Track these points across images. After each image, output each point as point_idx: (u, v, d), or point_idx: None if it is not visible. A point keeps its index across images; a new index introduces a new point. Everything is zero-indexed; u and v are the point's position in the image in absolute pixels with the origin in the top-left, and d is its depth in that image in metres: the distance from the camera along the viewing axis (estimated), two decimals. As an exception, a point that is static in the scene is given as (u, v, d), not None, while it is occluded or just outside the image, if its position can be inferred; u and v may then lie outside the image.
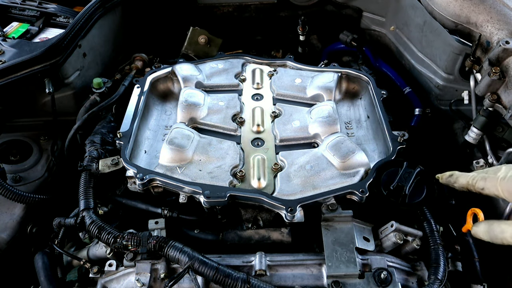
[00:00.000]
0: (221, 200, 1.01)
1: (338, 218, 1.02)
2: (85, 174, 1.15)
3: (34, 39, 1.49)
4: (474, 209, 1.01)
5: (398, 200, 1.04)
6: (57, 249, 1.10)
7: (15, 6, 1.59)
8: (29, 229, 1.24)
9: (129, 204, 1.15)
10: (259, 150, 1.22)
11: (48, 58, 1.29)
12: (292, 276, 0.97)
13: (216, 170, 1.11)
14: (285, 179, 1.10)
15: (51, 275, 1.04)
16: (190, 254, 0.92)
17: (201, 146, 1.17)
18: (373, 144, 1.27)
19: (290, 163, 1.15)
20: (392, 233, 1.00)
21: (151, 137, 1.28)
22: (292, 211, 0.98)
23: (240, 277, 0.89)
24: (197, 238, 1.08)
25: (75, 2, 1.68)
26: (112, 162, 1.16)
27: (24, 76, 1.26)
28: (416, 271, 1.02)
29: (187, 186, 1.05)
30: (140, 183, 1.05)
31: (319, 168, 1.11)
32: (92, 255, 1.09)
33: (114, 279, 0.99)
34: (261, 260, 0.97)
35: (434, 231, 1.04)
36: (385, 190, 1.06)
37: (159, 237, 0.98)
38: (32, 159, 1.36)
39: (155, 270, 0.96)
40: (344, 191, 1.04)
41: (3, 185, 1.12)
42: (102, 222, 1.03)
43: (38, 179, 1.32)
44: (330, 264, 0.95)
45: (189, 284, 0.94)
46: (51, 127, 1.40)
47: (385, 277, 0.92)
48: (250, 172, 1.15)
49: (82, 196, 1.10)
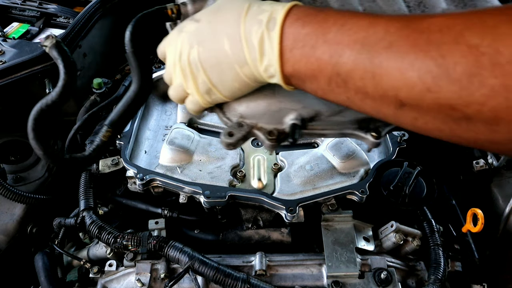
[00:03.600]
0: (221, 200, 1.01)
1: (338, 218, 1.03)
2: (85, 174, 1.15)
3: (35, 40, 1.49)
4: (474, 209, 1.01)
5: (398, 200, 1.04)
6: (57, 249, 1.10)
7: (16, 7, 1.59)
8: (29, 229, 1.24)
9: (129, 204, 1.15)
10: (259, 150, 1.22)
11: (49, 58, 1.30)
12: (292, 276, 0.97)
13: (216, 170, 1.11)
14: (285, 179, 1.10)
15: (51, 275, 1.04)
16: (190, 254, 0.93)
17: (201, 146, 1.17)
18: (373, 144, 1.27)
19: (290, 163, 1.15)
20: (392, 233, 1.00)
21: (151, 137, 1.28)
22: (292, 211, 0.98)
23: (240, 277, 0.90)
24: (197, 238, 1.08)
25: (75, 3, 1.68)
26: (112, 162, 1.16)
27: (24, 76, 1.26)
28: (416, 271, 1.02)
29: (187, 186, 1.05)
30: (140, 183, 1.05)
31: (319, 168, 1.11)
32: (92, 255, 1.09)
33: (114, 279, 0.99)
34: (261, 260, 0.97)
35: (434, 231, 1.05)
36: (385, 190, 1.06)
37: (159, 237, 0.98)
38: (32, 159, 1.36)
39: (155, 270, 0.97)
40: (344, 191, 1.04)
41: (4, 185, 1.12)
42: (102, 222, 1.03)
43: (38, 179, 1.32)
44: (330, 264, 0.95)
45: (189, 284, 0.95)
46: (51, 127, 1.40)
47: (385, 277, 0.92)
48: (250, 172, 1.15)
49: (82, 196, 1.10)
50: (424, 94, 0.44)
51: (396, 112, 0.49)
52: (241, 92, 0.63)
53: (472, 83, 0.41)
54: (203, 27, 0.59)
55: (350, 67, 0.48)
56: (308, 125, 0.67)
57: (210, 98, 0.64)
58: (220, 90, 0.62)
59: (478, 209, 1.00)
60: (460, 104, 0.43)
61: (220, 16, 0.58)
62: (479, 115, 0.42)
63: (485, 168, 1.20)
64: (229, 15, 0.57)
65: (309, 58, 0.51)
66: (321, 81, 0.52)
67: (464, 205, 1.08)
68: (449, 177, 1.28)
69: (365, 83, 0.48)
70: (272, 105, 0.66)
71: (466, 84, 0.41)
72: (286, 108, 0.66)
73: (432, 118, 0.47)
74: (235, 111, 0.67)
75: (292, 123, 0.65)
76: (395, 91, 0.46)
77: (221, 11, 0.58)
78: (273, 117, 0.67)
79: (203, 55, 0.59)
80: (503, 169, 1.18)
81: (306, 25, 0.51)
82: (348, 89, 0.51)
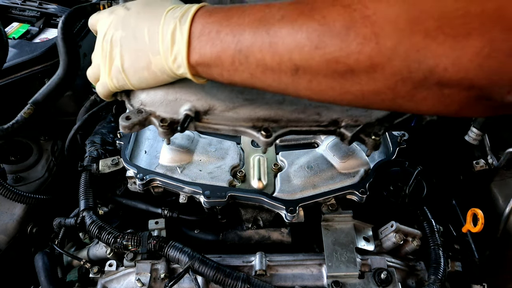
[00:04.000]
0: (221, 200, 1.01)
1: (338, 218, 1.03)
2: (85, 174, 1.15)
3: (35, 40, 1.49)
4: (474, 209, 1.01)
5: (398, 200, 1.04)
6: (57, 249, 1.10)
7: (16, 7, 1.59)
8: (29, 229, 1.24)
9: (129, 204, 1.15)
10: (259, 150, 1.22)
11: (49, 58, 1.30)
12: (292, 276, 0.97)
13: (216, 170, 1.11)
14: (285, 179, 1.10)
15: (51, 275, 1.04)
16: (190, 254, 0.93)
17: (201, 146, 1.17)
18: (373, 144, 1.27)
19: (290, 163, 1.15)
20: (392, 233, 1.00)
21: (151, 137, 1.28)
22: (292, 211, 0.98)
23: (240, 277, 0.90)
24: (197, 238, 1.08)
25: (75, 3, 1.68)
26: (112, 162, 1.16)
27: (24, 76, 1.27)
28: (416, 271, 1.02)
29: (187, 186, 1.05)
30: (140, 183, 1.05)
31: (319, 168, 1.11)
32: (92, 255, 1.09)
33: (114, 279, 0.99)
34: (261, 260, 0.97)
35: (434, 231, 1.05)
36: (385, 190, 1.06)
37: (159, 237, 0.98)
38: (32, 159, 1.36)
39: (155, 270, 0.97)
40: (344, 191, 1.04)
41: (4, 185, 1.13)
42: (102, 222, 1.03)
43: (38, 179, 1.32)
44: (330, 264, 0.95)
45: (189, 284, 0.95)
46: (51, 127, 1.40)
47: (385, 277, 0.92)
48: (250, 172, 1.15)
49: (82, 196, 1.10)
50: (313, 52, 0.52)
51: (293, 78, 0.56)
52: (147, 82, 0.69)
53: (349, 35, 0.49)
54: (131, 15, 0.67)
55: (250, 42, 0.56)
56: (202, 118, 0.72)
57: (118, 83, 0.70)
58: (129, 77, 0.68)
59: (478, 209, 1.00)
60: (343, 56, 0.50)
61: (147, 10, 0.66)
62: (358, 64, 0.50)
63: (485, 168, 1.20)
64: (155, 11, 0.65)
65: (214, 41, 0.58)
66: (225, 62, 0.59)
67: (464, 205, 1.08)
68: (449, 177, 1.28)
69: (263, 55, 0.55)
70: (169, 94, 0.71)
71: (344, 36, 0.49)
72: (182, 98, 0.71)
73: (323, 77, 0.54)
74: (137, 98, 0.74)
75: (186, 113, 0.70)
76: (289, 55, 0.54)
77: (150, 6, 0.66)
78: (169, 106, 0.72)
79: (124, 40, 0.67)
80: (503, 169, 1.18)
81: (212, 15, 0.60)
82: (249, 65, 0.57)
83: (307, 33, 0.52)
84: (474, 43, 0.44)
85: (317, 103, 0.73)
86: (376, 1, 0.48)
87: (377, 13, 0.48)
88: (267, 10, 0.56)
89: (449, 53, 0.45)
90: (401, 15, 0.47)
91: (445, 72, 0.47)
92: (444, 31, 0.45)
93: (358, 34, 0.49)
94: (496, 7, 0.43)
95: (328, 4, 0.51)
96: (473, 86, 0.48)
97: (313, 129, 0.75)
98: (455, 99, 0.51)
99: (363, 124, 0.74)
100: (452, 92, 0.50)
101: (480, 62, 0.45)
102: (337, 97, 0.57)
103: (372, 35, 0.48)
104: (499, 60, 0.44)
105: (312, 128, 0.75)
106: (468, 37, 0.44)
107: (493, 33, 0.43)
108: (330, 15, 0.50)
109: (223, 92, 0.73)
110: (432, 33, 0.46)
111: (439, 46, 0.46)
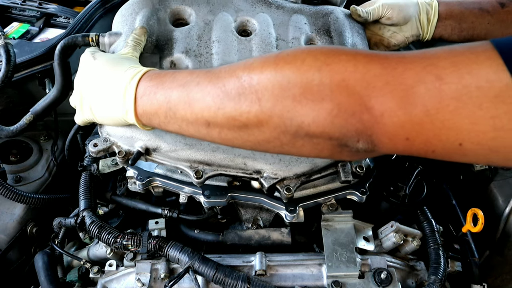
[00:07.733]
0: (221, 200, 1.01)
1: (338, 218, 1.02)
2: (85, 174, 1.15)
3: (35, 40, 1.49)
4: (474, 209, 1.01)
5: (398, 200, 1.04)
6: (57, 249, 1.10)
7: (16, 7, 1.59)
8: (29, 229, 1.24)
9: (129, 204, 1.15)
10: (259, 150, 1.22)
11: (49, 58, 1.30)
12: (292, 276, 0.97)
13: (216, 170, 1.11)
14: (285, 179, 1.10)
15: (52, 275, 1.04)
16: (190, 254, 0.93)
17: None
18: (373, 144, 1.27)
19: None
20: (392, 233, 1.00)
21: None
22: (292, 211, 0.98)
23: (240, 277, 0.90)
24: (197, 238, 1.08)
25: (75, 3, 1.68)
26: (112, 162, 1.16)
27: (24, 76, 1.27)
28: (416, 271, 1.02)
29: (187, 186, 1.05)
30: (140, 183, 1.05)
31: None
32: (92, 255, 1.09)
33: (114, 279, 0.99)
34: (261, 260, 0.97)
35: (434, 231, 1.04)
36: (385, 190, 1.06)
37: (159, 237, 0.98)
38: (32, 159, 1.36)
39: (155, 270, 0.96)
40: (344, 191, 1.04)
41: (4, 185, 1.13)
42: (102, 222, 1.03)
43: (38, 179, 1.32)
44: (330, 264, 0.95)
45: (189, 284, 0.94)
46: (51, 127, 1.40)
47: (385, 277, 0.92)
48: (250, 172, 1.15)
49: (82, 196, 1.10)
50: (217, 111, 0.66)
51: (207, 130, 0.70)
52: (112, 122, 0.85)
53: (240, 99, 0.64)
54: (104, 67, 0.82)
55: (176, 102, 0.71)
56: (151, 153, 0.91)
57: (88, 118, 0.87)
58: (96, 116, 0.84)
59: (478, 209, 1.00)
60: (238, 115, 0.65)
61: (113, 67, 0.81)
62: (249, 121, 0.64)
63: (485, 168, 1.20)
64: (117, 69, 0.80)
65: (152, 100, 0.73)
66: (161, 116, 0.73)
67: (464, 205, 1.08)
68: (449, 177, 1.28)
69: (185, 112, 0.70)
70: (127, 132, 0.89)
71: (238, 100, 0.64)
72: (136, 137, 0.90)
73: (228, 130, 0.68)
74: (105, 128, 0.92)
75: (138, 150, 0.89)
76: (202, 113, 0.68)
77: (115, 64, 0.82)
78: (127, 141, 0.90)
79: (93, 87, 0.82)
80: (503, 169, 1.18)
81: (152, 80, 0.75)
82: (177, 119, 0.72)
83: (213, 97, 0.67)
84: (327, 105, 0.58)
85: (246, 154, 0.90)
86: (259, 73, 0.63)
87: (260, 83, 0.62)
88: (188, 78, 0.71)
89: (310, 113, 0.59)
90: (275, 84, 0.61)
91: (309, 127, 0.61)
92: (306, 96, 0.59)
93: (247, 99, 0.63)
94: (341, 79, 0.57)
95: (228, 75, 0.66)
96: (331, 137, 0.61)
97: (239, 175, 0.91)
98: (324, 146, 0.63)
99: (281, 178, 0.90)
100: (319, 141, 0.63)
101: (331, 120, 0.59)
102: (241, 144, 0.71)
103: (256, 99, 0.63)
104: (345, 118, 0.58)
105: (238, 173, 0.91)
106: (322, 101, 0.58)
107: (340, 98, 0.57)
108: (229, 84, 0.65)
109: (170, 135, 0.89)
110: (298, 98, 0.60)
111: (303, 107, 0.60)
